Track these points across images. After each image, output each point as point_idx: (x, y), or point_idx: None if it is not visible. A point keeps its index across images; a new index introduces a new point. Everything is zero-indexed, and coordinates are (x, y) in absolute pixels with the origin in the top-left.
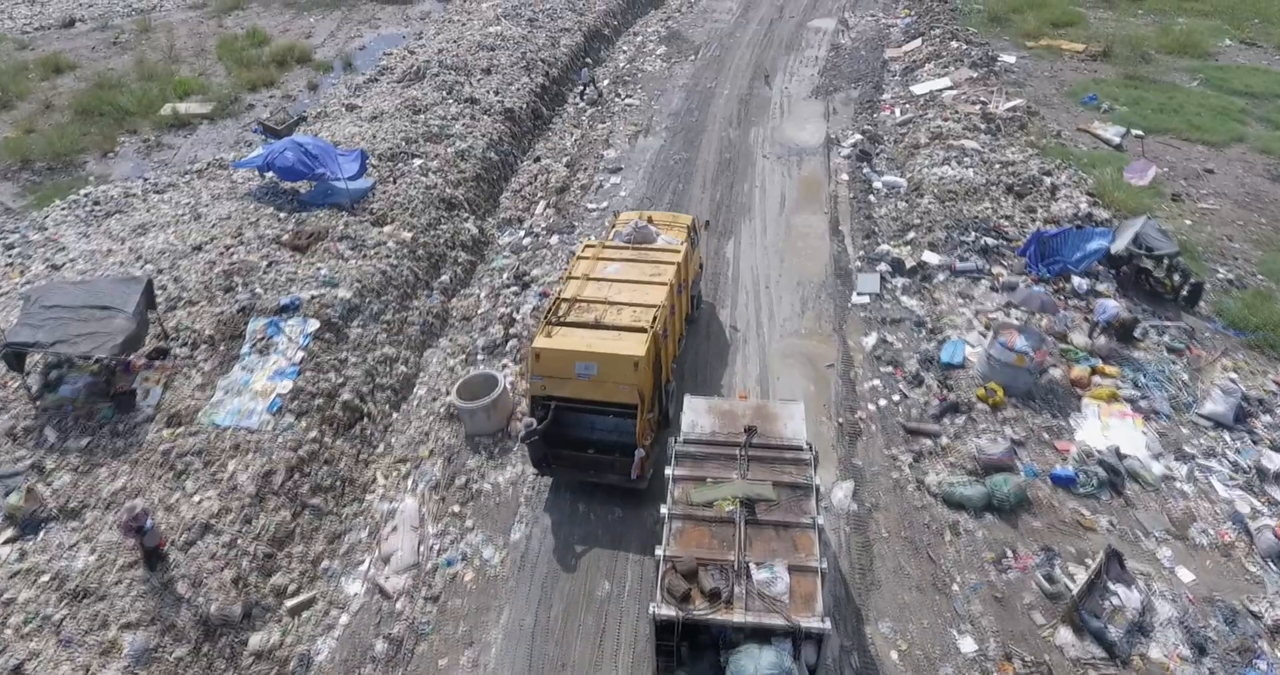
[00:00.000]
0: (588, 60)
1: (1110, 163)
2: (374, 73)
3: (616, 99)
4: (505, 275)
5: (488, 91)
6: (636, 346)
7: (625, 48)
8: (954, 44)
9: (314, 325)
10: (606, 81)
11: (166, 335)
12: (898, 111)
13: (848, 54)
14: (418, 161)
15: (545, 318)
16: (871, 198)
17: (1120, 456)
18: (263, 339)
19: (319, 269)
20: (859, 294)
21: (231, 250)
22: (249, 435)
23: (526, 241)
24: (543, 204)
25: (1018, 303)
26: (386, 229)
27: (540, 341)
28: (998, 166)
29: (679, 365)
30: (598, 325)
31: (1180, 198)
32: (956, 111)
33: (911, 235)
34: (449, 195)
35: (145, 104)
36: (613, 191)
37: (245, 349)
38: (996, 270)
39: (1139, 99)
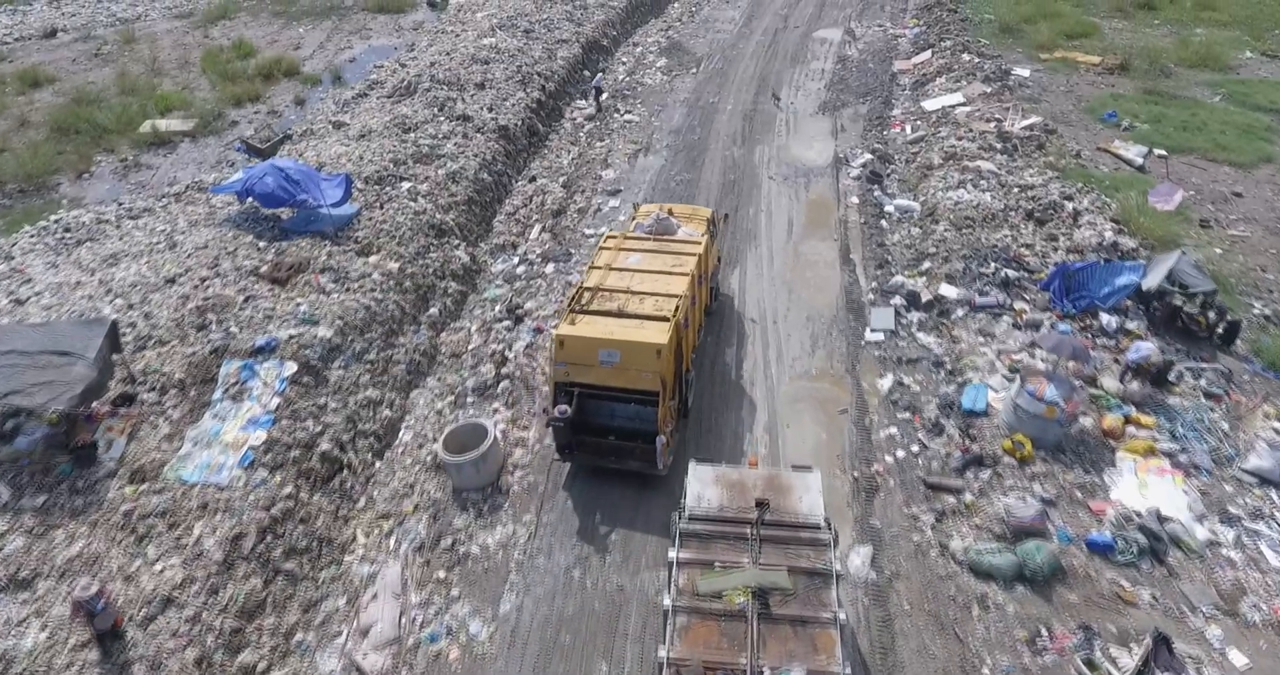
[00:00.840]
0: (602, 67)
1: (1134, 185)
2: (363, 87)
3: (615, 115)
4: (497, 308)
5: (481, 108)
6: (659, 335)
7: (624, 59)
8: (966, 57)
9: (291, 368)
10: (606, 95)
11: (133, 379)
12: (908, 128)
13: (855, 67)
14: (406, 185)
15: (569, 306)
16: (883, 223)
17: (1161, 519)
18: (236, 384)
19: (299, 305)
20: (872, 330)
21: (207, 283)
22: (218, 493)
23: (520, 270)
24: (538, 228)
25: (1047, 349)
26: (372, 259)
27: (564, 329)
28: (1016, 190)
29: (698, 365)
30: (621, 314)
31: (1209, 224)
32: (970, 130)
33: (927, 265)
34: (439, 221)
35: (124, 121)
36: (611, 216)
37: (217, 394)
38: (1019, 306)
39: (1160, 116)
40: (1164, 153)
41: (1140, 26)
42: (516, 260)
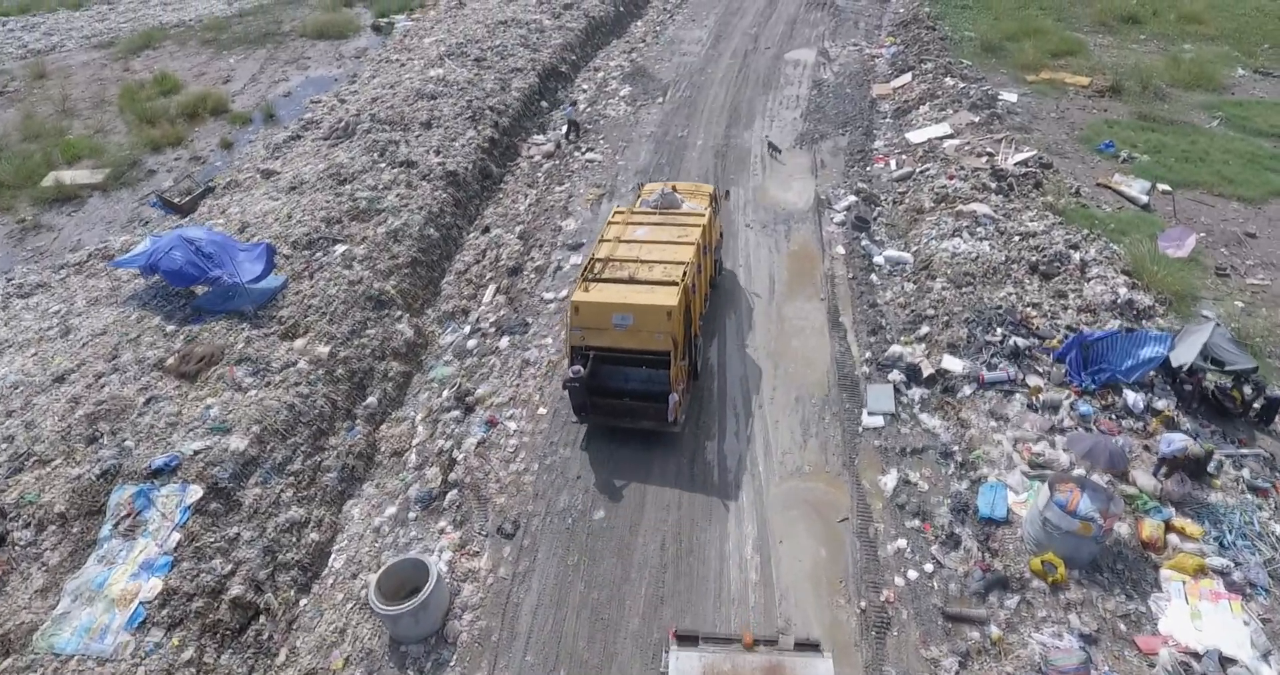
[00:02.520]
0: (572, 99)
1: (1140, 227)
2: (297, 128)
3: (577, 154)
4: (445, 393)
5: (427, 151)
6: (669, 297)
7: (585, 86)
8: (949, 81)
9: (196, 494)
10: (565, 129)
11: (4, 513)
12: (893, 163)
13: (832, 92)
14: (340, 248)
15: (582, 275)
16: (874, 277)
17: (1223, 662)
18: (129, 516)
19: (209, 408)
20: (870, 413)
21: (103, 381)
22: (99, 668)
23: (472, 343)
24: (492, 289)
25: (1078, 455)
26: (298, 343)
27: (579, 295)
28: (1017, 239)
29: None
30: (632, 281)
31: (1225, 272)
32: (962, 167)
33: (925, 330)
34: (378, 290)
35: (24, 173)
36: (572, 275)
37: (105, 531)
38: (1033, 381)
39: (1159, 145)
40: (1168, 188)
41: (1126, 42)
42: (468, 330)
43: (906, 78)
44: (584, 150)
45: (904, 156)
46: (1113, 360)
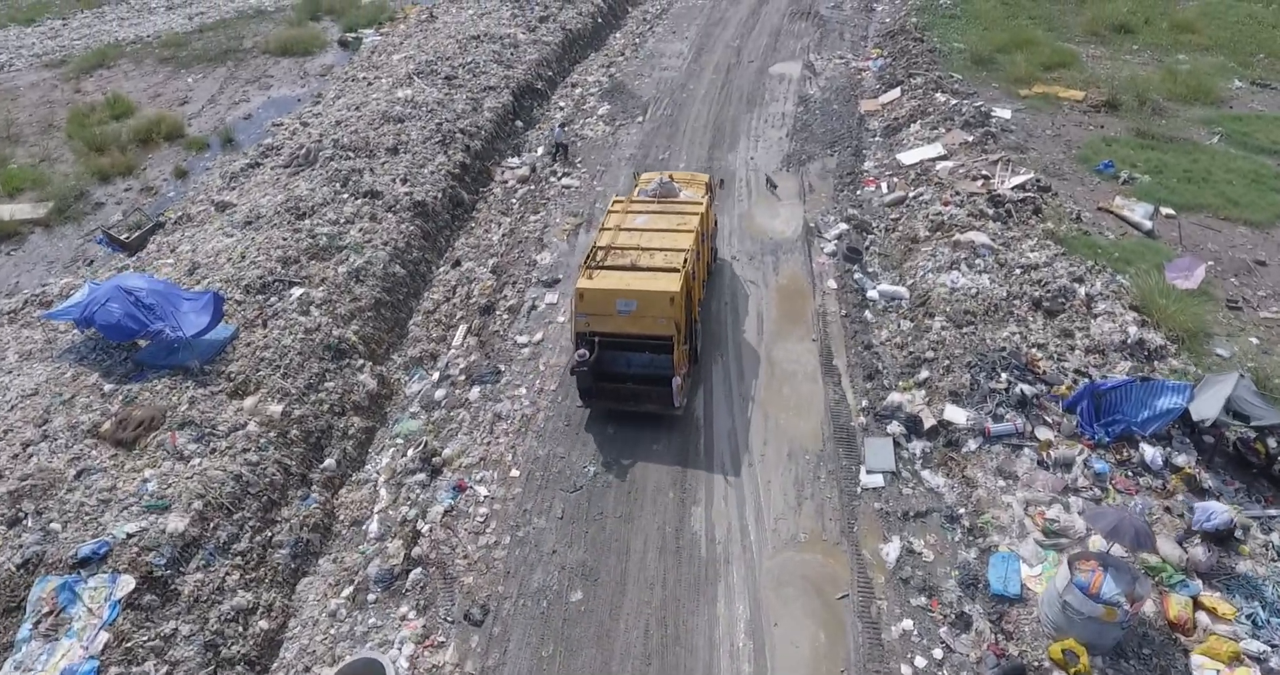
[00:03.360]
0: (563, 121)
1: (1146, 256)
2: (256, 154)
3: (553, 178)
4: (410, 453)
5: (393, 179)
6: (672, 283)
7: (562, 104)
8: (939, 97)
9: (128, 585)
10: (540, 150)
11: None
12: (884, 186)
13: (818, 108)
14: (297, 292)
15: (585, 263)
16: (868, 314)
17: None
18: (51, 613)
19: (146, 481)
20: (869, 472)
21: (30, 450)
22: None
23: (440, 393)
24: (462, 330)
25: (1101, 533)
26: (248, 402)
27: (583, 282)
28: (1018, 272)
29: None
30: (634, 267)
31: (1237, 304)
32: (957, 192)
33: (925, 374)
34: (337, 338)
35: None
36: (548, 315)
37: (24, 631)
38: (1042, 434)
39: (1160, 164)
40: (1172, 212)
41: (1119, 53)
42: (437, 377)
43: (895, 93)
44: (560, 175)
45: (895, 179)
46: (1127, 411)
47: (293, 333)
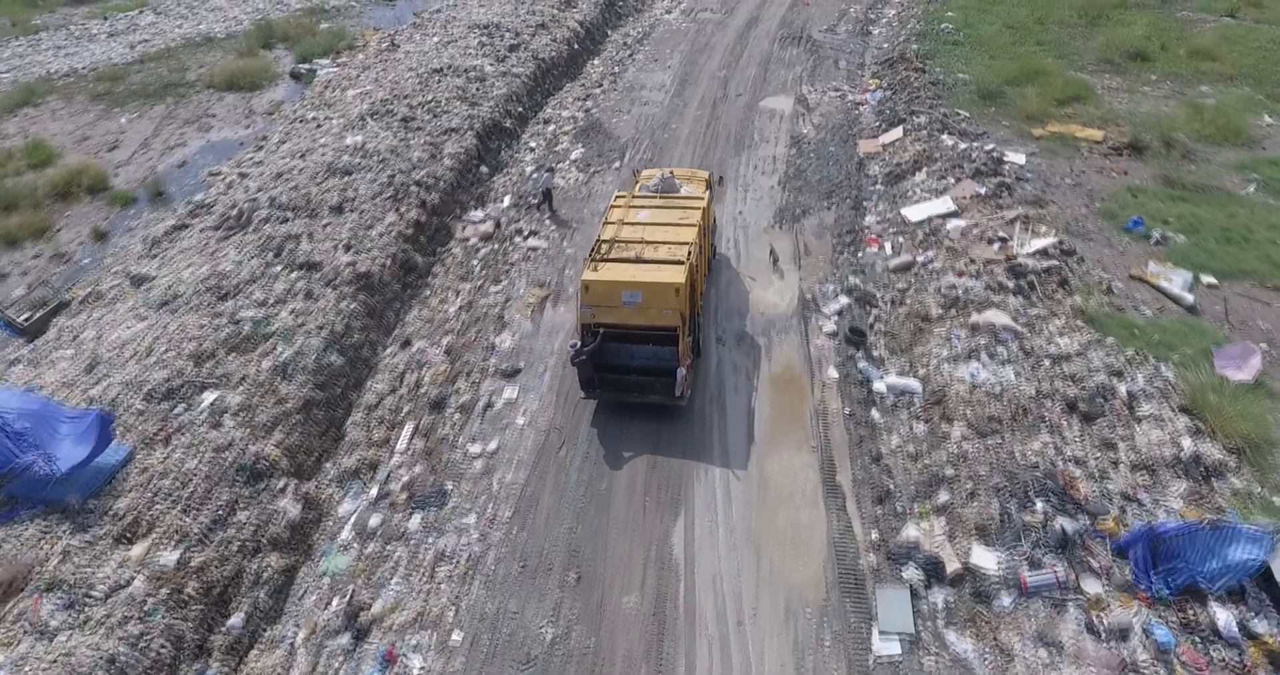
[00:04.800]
0: (550, 166)
1: (1190, 338)
2: (184, 213)
3: (518, 238)
4: (335, 604)
5: (335, 246)
6: (676, 275)
7: (533, 144)
8: (946, 140)
9: None
10: (507, 201)
11: None
12: (889, 247)
13: (813, 150)
14: (210, 397)
15: (590, 256)
16: (875, 414)
17: None
18: None
19: None
20: (883, 634)
21: None
22: None
23: (376, 520)
24: (409, 429)
25: None
26: (136, 551)
27: (589, 274)
28: (1047, 363)
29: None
30: (639, 260)
31: None
32: (972, 259)
33: (944, 497)
34: (254, 455)
35: None
36: (506, 416)
37: None
38: (1090, 586)
39: (1194, 220)
40: (1213, 280)
41: (1136, 84)
42: (375, 492)
43: (897, 132)
44: (525, 235)
45: (901, 239)
46: (1192, 559)
47: (200, 453)
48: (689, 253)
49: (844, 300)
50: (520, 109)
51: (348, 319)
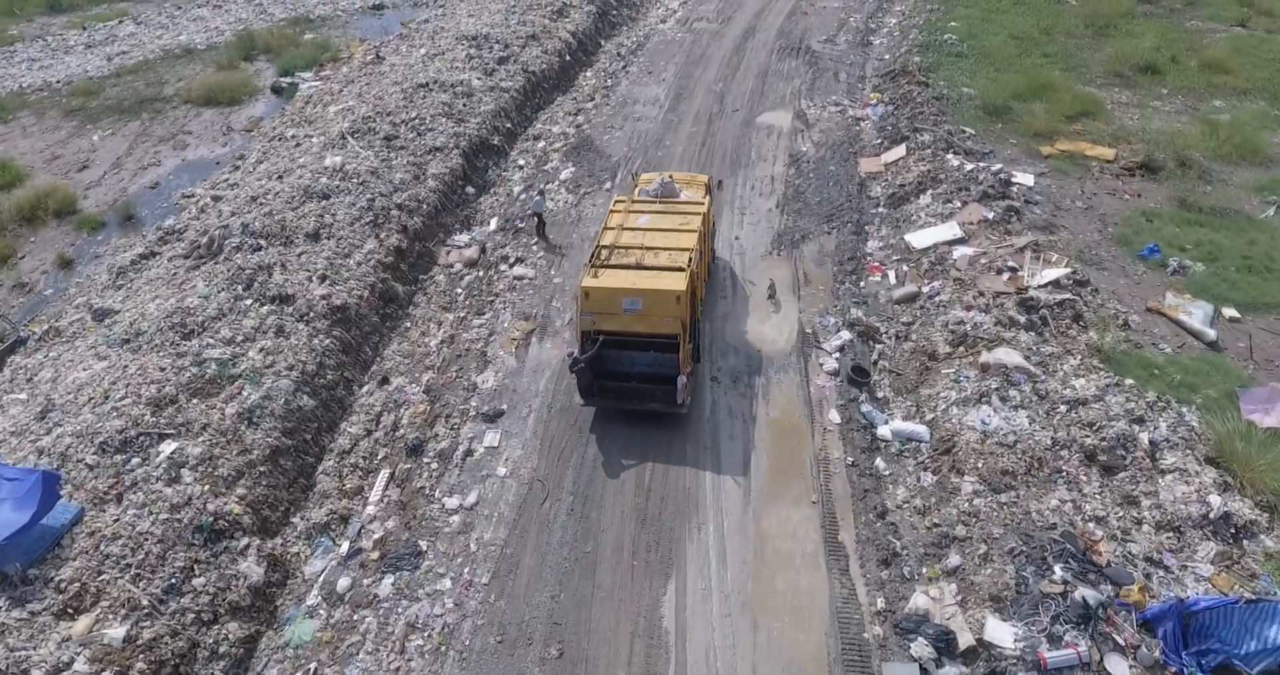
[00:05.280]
0: (540, 189)
1: (1213, 377)
2: (154, 239)
3: (503, 266)
4: None
5: (310, 277)
6: (678, 283)
7: (521, 162)
8: (951, 159)
9: None
10: (494, 224)
11: None
12: (892, 275)
13: (812, 169)
14: (168, 448)
15: (590, 262)
16: (879, 462)
17: None
18: None
19: None
20: None
21: None
22: None
23: (345, 582)
24: (384, 476)
25: None
26: (79, 626)
27: (588, 281)
28: (1063, 408)
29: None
30: (639, 266)
31: None
32: (980, 291)
33: (955, 560)
34: (214, 513)
35: None
36: (486, 465)
37: None
38: (1115, 666)
39: (1212, 247)
40: (1235, 314)
41: (1147, 99)
42: (345, 550)
43: (900, 151)
44: (512, 262)
45: (905, 267)
46: (1226, 638)
47: (154, 512)
48: (689, 259)
49: (846, 335)
50: (509, 125)
51: (321, 357)
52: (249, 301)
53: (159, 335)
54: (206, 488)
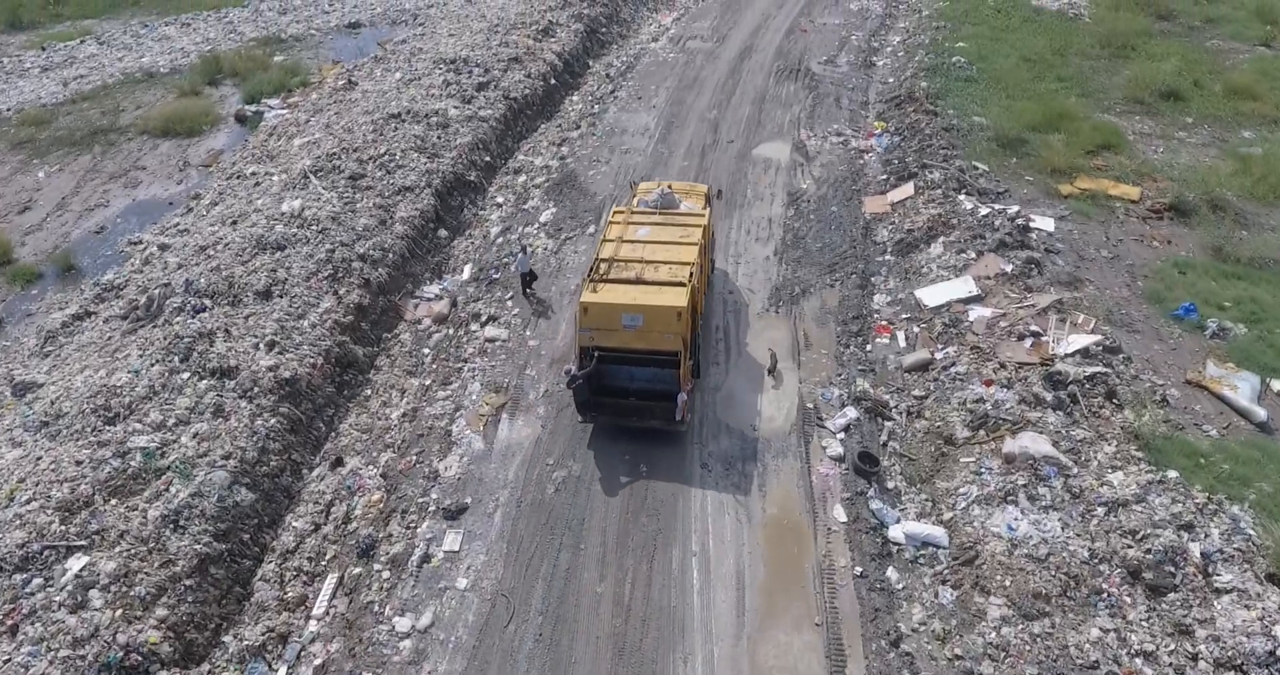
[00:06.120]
0: (524, 246)
1: (1266, 468)
2: (91, 296)
3: (474, 324)
4: None
5: (257, 345)
6: (679, 298)
7: (500, 199)
8: (964, 202)
9: None
10: (467, 273)
11: None
12: (902, 337)
13: (813, 210)
14: (77, 564)
15: (589, 276)
16: (892, 572)
17: None
18: None
19: None
20: None
21: None
22: None
23: None
24: (331, 583)
25: None
26: None
27: (587, 296)
28: (1101, 512)
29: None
30: (639, 281)
31: None
32: (1001, 362)
33: None
34: (125, 646)
35: None
36: (446, 575)
37: None
38: None
39: (1255, 305)
40: None
41: (1170, 129)
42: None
43: (907, 189)
44: (484, 320)
45: (916, 328)
46: None
47: (52, 649)
48: (690, 273)
49: (852, 413)
50: (487, 158)
51: (264, 441)
52: (185, 375)
53: (80, 419)
54: (119, 613)
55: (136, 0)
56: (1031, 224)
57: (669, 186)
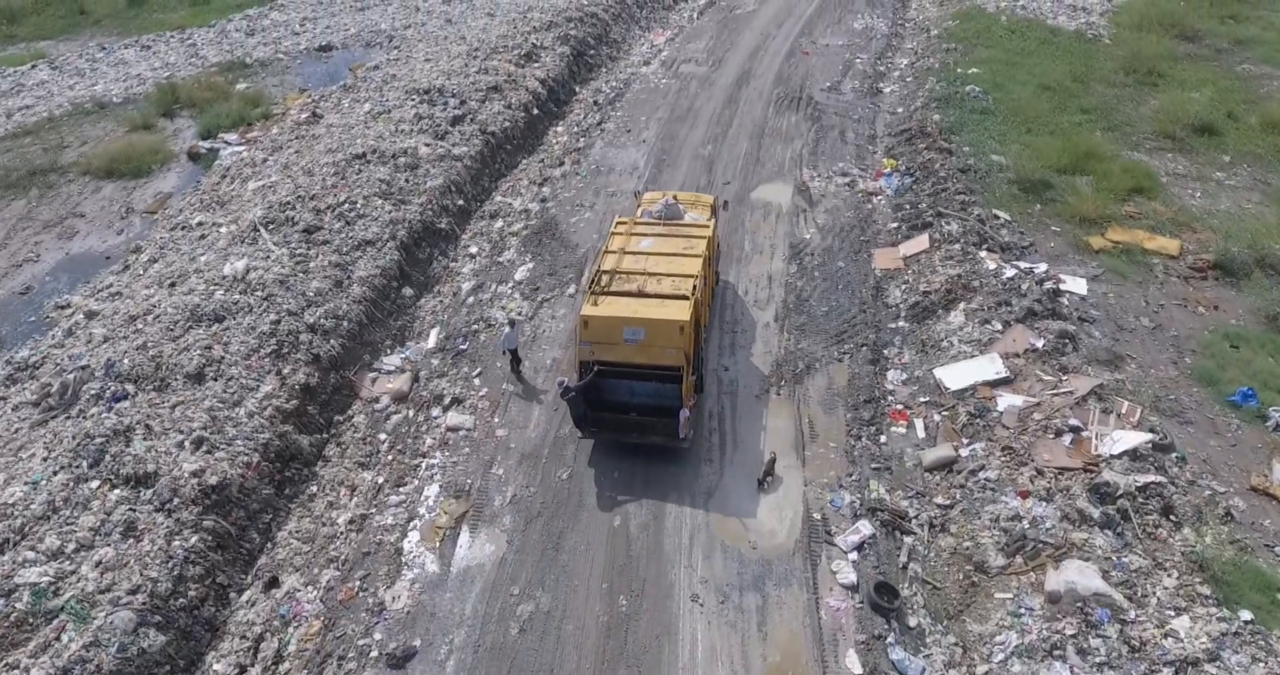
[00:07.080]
0: (512, 319)
1: None
2: (1, 376)
3: (435, 409)
4: None
5: (183, 441)
6: (682, 312)
7: (474, 248)
8: (986, 260)
9: None
10: (433, 339)
11: None
12: (920, 425)
13: (818, 266)
14: None
15: (590, 288)
16: None
17: None
18: None
19: None
20: None
21: None
22: None
23: None
24: None
25: None
26: None
27: (588, 309)
28: (1165, 673)
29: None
30: (641, 294)
31: None
32: (1038, 469)
33: None
34: None
35: None
36: None
37: None
38: None
39: None
40: None
41: (1207, 169)
42: None
43: (922, 241)
44: (447, 404)
45: (937, 416)
46: None
47: None
48: (694, 286)
49: (866, 529)
50: (461, 201)
51: (181, 567)
52: (94, 485)
53: None
54: None
55: (97, 20)
56: (1062, 286)
57: (674, 196)
